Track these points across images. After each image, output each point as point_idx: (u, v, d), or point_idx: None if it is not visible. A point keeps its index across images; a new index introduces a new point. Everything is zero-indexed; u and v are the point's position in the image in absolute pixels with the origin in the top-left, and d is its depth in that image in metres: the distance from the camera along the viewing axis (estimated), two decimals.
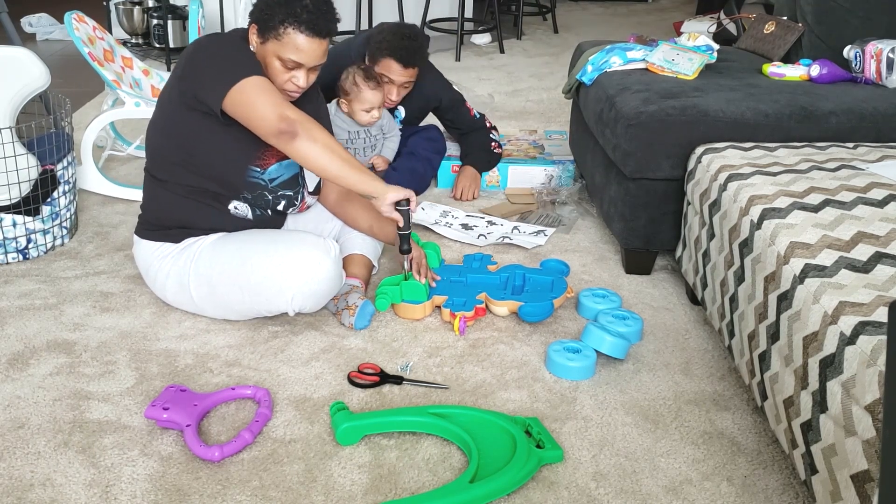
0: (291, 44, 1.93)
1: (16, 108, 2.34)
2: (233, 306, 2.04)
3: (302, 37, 1.92)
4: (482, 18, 6.01)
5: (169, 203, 2.05)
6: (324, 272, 1.96)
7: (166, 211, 2.07)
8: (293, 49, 1.93)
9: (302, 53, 1.94)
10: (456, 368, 1.94)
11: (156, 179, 2.07)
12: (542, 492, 1.57)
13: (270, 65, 1.96)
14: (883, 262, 1.47)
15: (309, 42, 1.94)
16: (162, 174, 2.05)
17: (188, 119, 1.96)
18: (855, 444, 1.23)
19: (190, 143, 1.99)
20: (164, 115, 2.03)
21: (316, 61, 1.98)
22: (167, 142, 2.02)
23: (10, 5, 3.04)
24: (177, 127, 1.99)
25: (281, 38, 1.92)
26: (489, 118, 3.85)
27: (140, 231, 2.13)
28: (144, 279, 2.17)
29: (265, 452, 1.65)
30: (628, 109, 2.28)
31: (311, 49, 1.95)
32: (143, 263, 2.13)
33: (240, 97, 1.89)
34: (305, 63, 1.96)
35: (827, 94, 2.33)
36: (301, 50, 1.94)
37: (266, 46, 1.95)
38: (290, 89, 2.00)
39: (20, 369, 1.90)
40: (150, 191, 2.10)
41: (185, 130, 1.98)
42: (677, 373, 1.95)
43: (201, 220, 2.05)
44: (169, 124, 2.01)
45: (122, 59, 3.02)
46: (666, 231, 2.35)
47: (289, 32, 1.92)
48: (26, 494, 1.53)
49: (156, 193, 2.08)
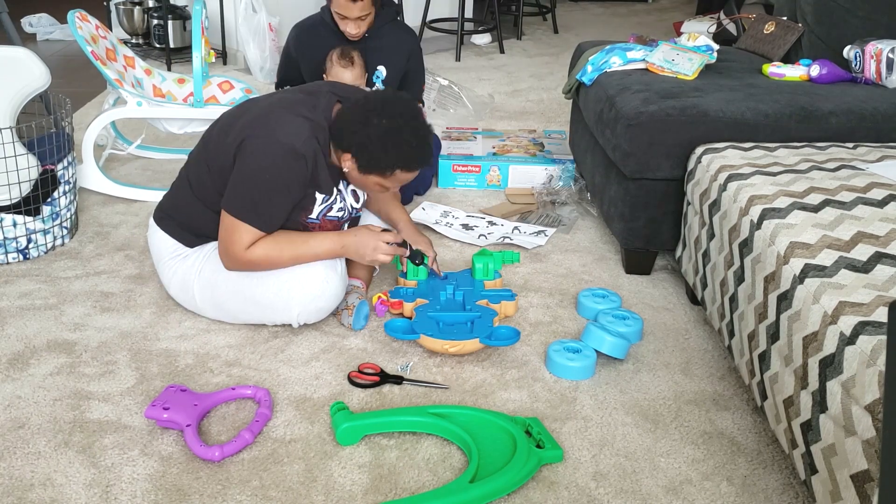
0: (396, 179, 1.93)
1: (16, 108, 2.34)
2: (235, 314, 2.04)
3: (409, 173, 1.93)
4: (482, 18, 6.01)
5: (197, 212, 2.03)
6: (330, 289, 1.97)
7: (196, 221, 2.05)
8: (398, 181, 1.95)
9: (406, 181, 1.97)
10: (456, 368, 1.94)
11: (194, 194, 2.03)
12: (542, 492, 1.57)
13: (367, 186, 1.97)
14: (883, 262, 1.47)
15: (413, 174, 1.95)
16: (203, 195, 2.01)
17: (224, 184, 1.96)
18: (855, 444, 1.23)
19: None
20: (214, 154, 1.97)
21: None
22: (214, 180, 1.97)
23: (10, 5, 3.03)
24: (222, 174, 1.95)
25: (387, 175, 1.92)
26: (489, 116, 3.86)
27: (158, 218, 2.11)
28: (154, 264, 2.17)
29: (265, 452, 1.65)
30: (628, 109, 2.28)
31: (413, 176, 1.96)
32: (155, 251, 2.13)
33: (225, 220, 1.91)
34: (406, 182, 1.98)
35: (827, 95, 2.33)
36: (407, 180, 1.96)
37: (367, 177, 1.93)
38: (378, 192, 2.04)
39: (20, 369, 1.90)
40: (184, 197, 2.06)
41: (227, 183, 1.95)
42: (677, 373, 1.95)
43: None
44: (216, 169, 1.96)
45: (125, 58, 3.02)
46: (666, 231, 2.35)
47: (396, 174, 1.91)
48: (26, 494, 1.53)
49: (192, 203, 2.04)
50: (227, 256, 1.93)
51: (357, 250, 1.99)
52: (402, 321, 2.06)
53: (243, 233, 1.90)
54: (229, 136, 1.93)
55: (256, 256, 1.91)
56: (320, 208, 1.99)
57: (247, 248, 1.91)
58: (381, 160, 1.88)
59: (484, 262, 2.23)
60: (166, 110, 2.83)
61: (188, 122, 2.87)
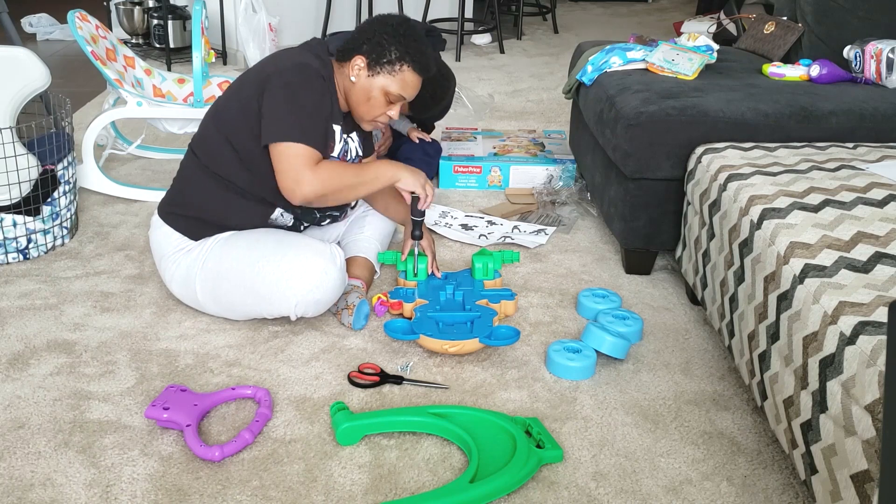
0: (403, 81, 2.02)
1: (16, 108, 2.34)
2: (235, 307, 2.04)
3: (413, 75, 2.03)
4: (482, 18, 6.01)
5: (211, 194, 2.04)
6: (329, 281, 1.97)
7: (205, 200, 2.05)
8: (404, 86, 2.03)
9: (409, 89, 2.05)
10: (456, 368, 1.94)
11: (205, 168, 2.06)
12: (542, 492, 1.57)
13: (374, 97, 2.03)
14: (883, 262, 1.47)
15: (417, 81, 2.06)
16: (215, 166, 2.04)
17: (257, 130, 1.97)
18: (855, 444, 1.23)
19: (253, 151, 1.99)
20: (231, 113, 2.02)
21: (414, 96, 2.09)
22: (230, 139, 2.01)
23: (10, 5, 3.04)
24: (243, 132, 1.99)
25: (395, 75, 2.01)
26: (489, 116, 3.86)
27: (163, 214, 2.11)
28: (156, 263, 2.16)
29: (265, 452, 1.65)
30: (628, 109, 2.28)
31: (416, 86, 2.07)
32: (157, 248, 2.13)
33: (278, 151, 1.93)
34: (408, 98, 2.07)
35: (827, 95, 2.33)
36: (410, 87, 2.05)
37: (374, 80, 2.01)
38: (382, 121, 2.10)
39: (20, 369, 1.90)
40: (193, 177, 2.08)
41: (251, 138, 1.98)
42: (677, 373, 1.95)
43: (239, 217, 2.06)
44: (236, 126, 2.00)
45: (125, 58, 3.02)
46: (666, 231, 2.35)
47: (404, 70, 2.01)
48: (26, 494, 1.53)
49: (200, 180, 2.06)
50: (298, 180, 1.91)
51: (412, 175, 2.07)
52: (402, 321, 2.06)
53: (301, 152, 1.92)
54: (243, 90, 2.01)
55: (325, 172, 1.94)
56: (340, 146, 2.07)
57: (314, 167, 1.93)
58: (393, 50, 1.99)
59: (483, 262, 2.23)
60: (166, 110, 2.83)
61: (188, 122, 2.87)
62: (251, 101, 1.97)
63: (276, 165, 1.94)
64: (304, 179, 1.92)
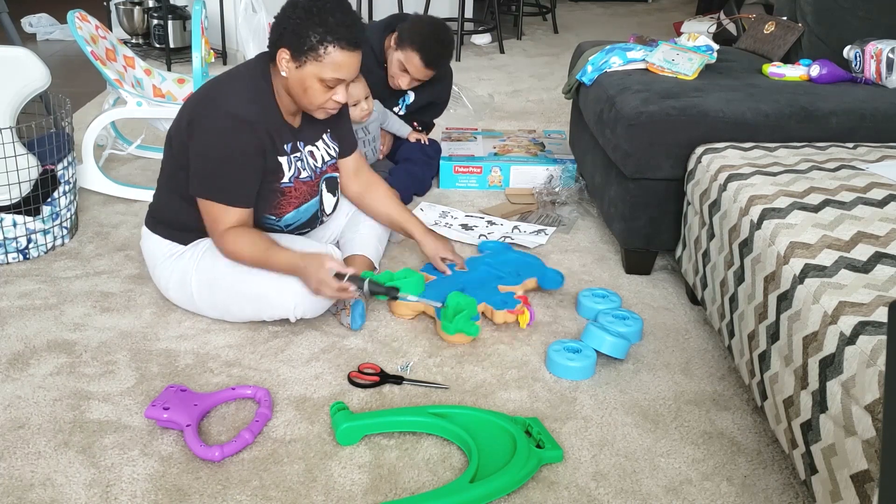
0: (334, 63, 1.88)
1: (16, 108, 2.34)
2: (233, 310, 2.04)
3: (342, 53, 1.88)
4: (482, 18, 6.01)
5: (184, 210, 2.04)
6: None
7: (181, 216, 2.05)
8: (336, 68, 1.89)
9: (343, 69, 1.90)
10: (456, 368, 1.94)
11: (171, 190, 2.06)
12: (542, 492, 1.57)
13: (310, 87, 1.91)
14: (883, 262, 1.47)
15: (351, 57, 1.90)
16: (176, 188, 2.03)
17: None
18: (855, 444, 1.23)
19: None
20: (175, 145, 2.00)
21: (355, 74, 1.95)
22: (181, 167, 1.99)
23: (10, 5, 3.03)
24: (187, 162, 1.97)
25: (321, 59, 1.87)
26: (489, 116, 3.86)
27: (150, 224, 2.12)
28: (150, 272, 2.17)
29: (265, 452, 1.65)
30: (628, 109, 2.28)
31: (352, 63, 1.91)
32: (149, 257, 2.13)
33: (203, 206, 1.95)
34: (347, 78, 1.93)
35: (827, 95, 2.33)
36: (343, 66, 1.89)
37: (303, 70, 1.89)
38: (331, 107, 1.98)
39: (20, 369, 1.90)
40: (167, 195, 2.08)
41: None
42: (677, 373, 1.95)
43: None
44: (180, 155, 1.98)
45: (125, 58, 3.02)
46: (666, 231, 2.35)
47: (329, 51, 1.87)
48: (26, 494, 1.53)
49: (171, 199, 2.06)
50: (215, 242, 1.97)
51: (306, 279, 1.94)
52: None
53: (214, 212, 1.93)
54: (182, 121, 1.98)
55: (230, 245, 1.94)
56: (290, 172, 2.02)
57: (223, 232, 1.93)
58: (310, 34, 1.84)
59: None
60: (166, 110, 2.83)
61: None
62: (184, 141, 1.95)
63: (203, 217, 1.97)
64: (220, 242, 1.96)
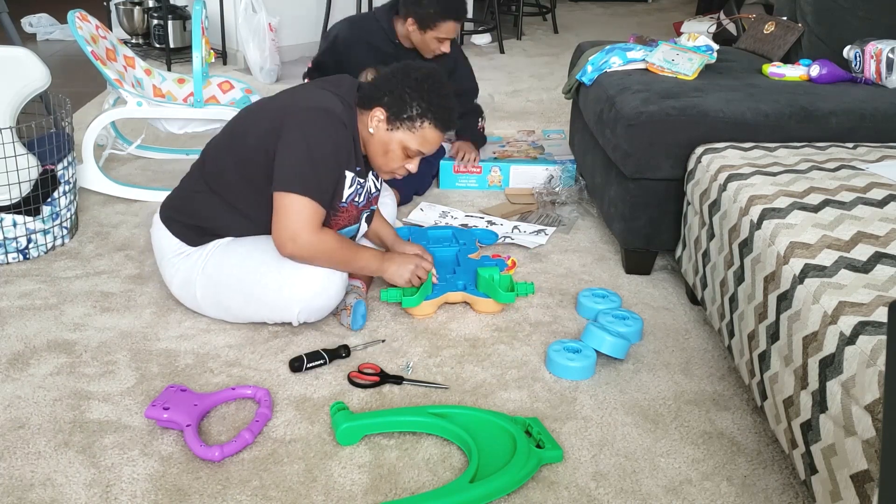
0: (423, 138, 1.95)
1: (16, 108, 2.34)
2: (235, 311, 2.04)
3: (435, 132, 1.95)
4: (482, 18, 6.01)
5: (214, 210, 2.02)
6: (331, 288, 1.97)
7: (207, 215, 2.03)
8: (423, 142, 1.96)
9: (428, 146, 1.97)
10: (456, 368, 1.94)
11: (210, 188, 2.02)
12: (542, 492, 1.57)
13: (392, 151, 1.97)
14: (883, 262, 1.47)
15: (438, 137, 1.97)
16: (221, 189, 2.00)
17: (270, 169, 1.92)
18: (855, 444, 1.23)
19: (263, 185, 1.94)
20: (247, 144, 1.96)
21: (434, 150, 2.02)
22: (243, 170, 1.97)
23: (10, 5, 3.03)
24: (258, 167, 1.94)
25: (415, 131, 1.94)
26: (489, 116, 3.86)
27: (164, 217, 2.09)
28: (157, 262, 2.16)
29: (265, 452, 1.65)
30: (628, 109, 2.28)
31: (437, 142, 1.98)
32: (158, 248, 2.12)
33: (283, 201, 1.89)
34: (426, 153, 1.99)
35: (827, 95, 2.33)
36: (430, 143, 1.97)
37: (394, 134, 1.95)
38: (400, 174, 2.04)
39: (20, 369, 1.90)
40: (195, 190, 2.05)
41: (264, 175, 1.93)
42: (677, 373, 1.95)
43: (238, 233, 2.04)
44: (251, 158, 1.95)
45: (125, 58, 3.02)
46: (666, 231, 2.35)
47: (425, 127, 1.94)
48: (26, 494, 1.53)
49: (203, 197, 2.03)
50: (295, 239, 1.89)
51: (398, 268, 2.05)
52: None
53: (308, 208, 1.88)
54: (261, 122, 1.95)
55: (324, 243, 1.92)
56: (350, 191, 2.00)
57: (315, 229, 1.90)
58: (413, 105, 1.92)
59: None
60: (166, 110, 2.83)
61: (188, 122, 2.87)
62: (268, 138, 1.92)
63: (276, 213, 1.90)
64: (301, 240, 1.89)
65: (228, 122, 2.08)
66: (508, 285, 2.18)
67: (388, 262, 2.07)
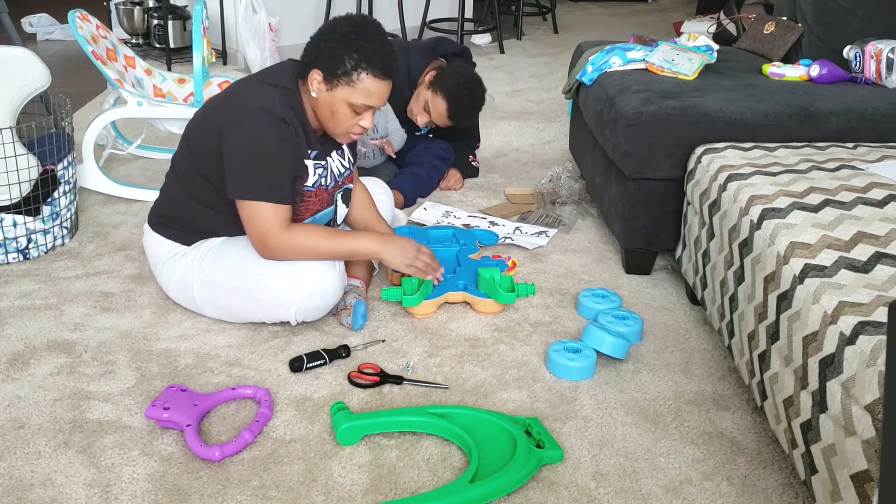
0: (364, 89, 1.90)
1: (16, 108, 2.34)
2: (233, 311, 2.04)
3: (374, 81, 1.90)
4: (482, 19, 6.01)
5: (191, 210, 2.03)
6: (329, 287, 1.97)
7: (190, 216, 2.04)
8: (367, 95, 1.91)
9: (374, 97, 1.93)
10: (456, 368, 1.94)
11: (186, 192, 2.03)
12: (542, 492, 1.57)
13: (338, 111, 1.93)
14: (883, 262, 1.47)
15: (382, 85, 1.92)
16: (195, 193, 2.02)
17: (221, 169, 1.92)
18: (855, 444, 1.23)
19: (221, 185, 1.94)
20: (200, 146, 1.97)
21: (384, 103, 1.98)
22: (201, 172, 1.98)
23: (10, 5, 3.03)
24: (214, 169, 1.94)
25: (354, 84, 1.90)
26: (489, 116, 3.86)
27: (153, 223, 2.11)
28: (152, 269, 2.17)
29: (265, 452, 1.65)
30: (628, 109, 2.28)
31: (383, 91, 1.94)
32: (151, 255, 2.13)
33: (242, 209, 1.91)
34: (376, 106, 1.95)
35: (827, 95, 2.33)
36: (375, 94, 1.92)
37: (334, 93, 1.91)
38: (356, 132, 2.00)
39: (20, 369, 1.90)
40: (173, 196, 2.06)
41: (218, 174, 1.94)
42: (677, 373, 1.95)
43: (225, 230, 2.04)
44: (207, 161, 1.96)
45: (125, 58, 3.02)
46: (666, 231, 2.35)
47: (361, 78, 1.89)
48: (26, 494, 1.53)
49: (179, 200, 2.05)
50: (265, 244, 1.90)
51: (400, 252, 2.02)
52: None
53: (267, 212, 1.88)
54: (206, 124, 1.95)
55: (296, 240, 1.91)
56: (314, 178, 2.00)
57: (282, 230, 1.89)
58: (345, 59, 1.87)
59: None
60: (166, 110, 2.83)
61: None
62: (213, 141, 1.92)
63: (244, 222, 1.91)
64: (271, 243, 1.89)
65: (185, 129, 2.06)
66: (509, 286, 2.18)
67: (390, 245, 2.02)
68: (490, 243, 2.55)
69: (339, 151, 2.12)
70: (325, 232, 1.97)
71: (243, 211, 1.91)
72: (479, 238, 2.52)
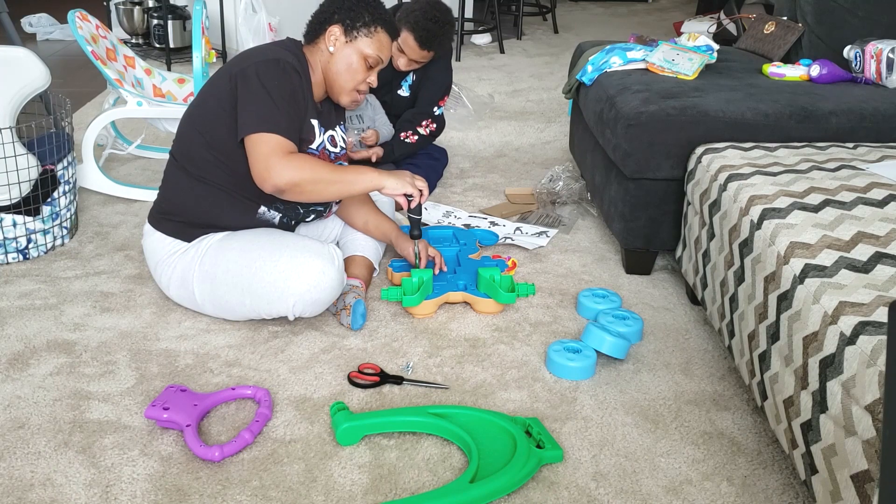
0: (380, 42, 2.08)
1: (16, 108, 2.34)
2: (233, 307, 2.04)
3: (387, 36, 2.10)
4: (482, 18, 6.01)
5: (197, 195, 2.04)
6: (327, 281, 1.97)
7: (192, 203, 2.05)
8: (380, 47, 2.08)
9: (385, 51, 2.10)
10: (456, 368, 1.94)
11: (186, 172, 2.05)
12: (542, 492, 1.57)
13: (353, 63, 2.06)
14: (883, 262, 1.47)
15: (389, 42, 2.11)
16: (194, 168, 2.04)
17: (233, 127, 1.95)
18: (855, 444, 1.23)
19: (230, 148, 1.98)
20: (206, 111, 2.02)
21: (387, 62, 2.14)
22: (207, 139, 2.01)
23: (10, 5, 3.04)
24: (220, 129, 1.98)
25: (372, 36, 2.06)
26: (489, 116, 3.85)
27: (154, 220, 2.11)
28: (150, 270, 2.17)
29: (265, 452, 1.65)
30: (628, 109, 2.28)
31: (390, 48, 2.13)
32: (151, 255, 2.13)
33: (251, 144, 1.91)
34: (383, 61, 2.11)
35: (827, 94, 2.33)
36: (386, 48, 2.10)
37: (355, 44, 2.06)
38: (363, 90, 2.12)
39: (20, 369, 1.90)
40: (177, 181, 2.08)
41: (228, 135, 1.97)
42: (677, 373, 1.95)
43: (227, 216, 2.05)
44: (212, 124, 2.00)
45: (125, 58, 3.02)
46: (666, 231, 2.35)
47: (378, 31, 2.07)
48: (26, 494, 1.53)
49: (183, 184, 2.06)
50: (268, 167, 1.89)
51: (398, 179, 2.06)
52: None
53: (272, 141, 1.91)
54: (218, 85, 2.02)
55: (298, 160, 1.92)
56: (320, 140, 2.08)
57: (286, 154, 1.91)
58: (364, 13, 2.05)
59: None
60: (166, 110, 2.83)
61: None
62: (225, 97, 1.97)
63: (249, 157, 1.93)
64: (275, 167, 1.89)
65: (186, 109, 2.12)
66: (509, 286, 2.18)
67: (387, 176, 2.06)
68: (490, 243, 2.55)
69: (340, 129, 2.21)
70: (326, 162, 2.02)
71: (251, 146, 1.92)
72: (479, 238, 2.53)
